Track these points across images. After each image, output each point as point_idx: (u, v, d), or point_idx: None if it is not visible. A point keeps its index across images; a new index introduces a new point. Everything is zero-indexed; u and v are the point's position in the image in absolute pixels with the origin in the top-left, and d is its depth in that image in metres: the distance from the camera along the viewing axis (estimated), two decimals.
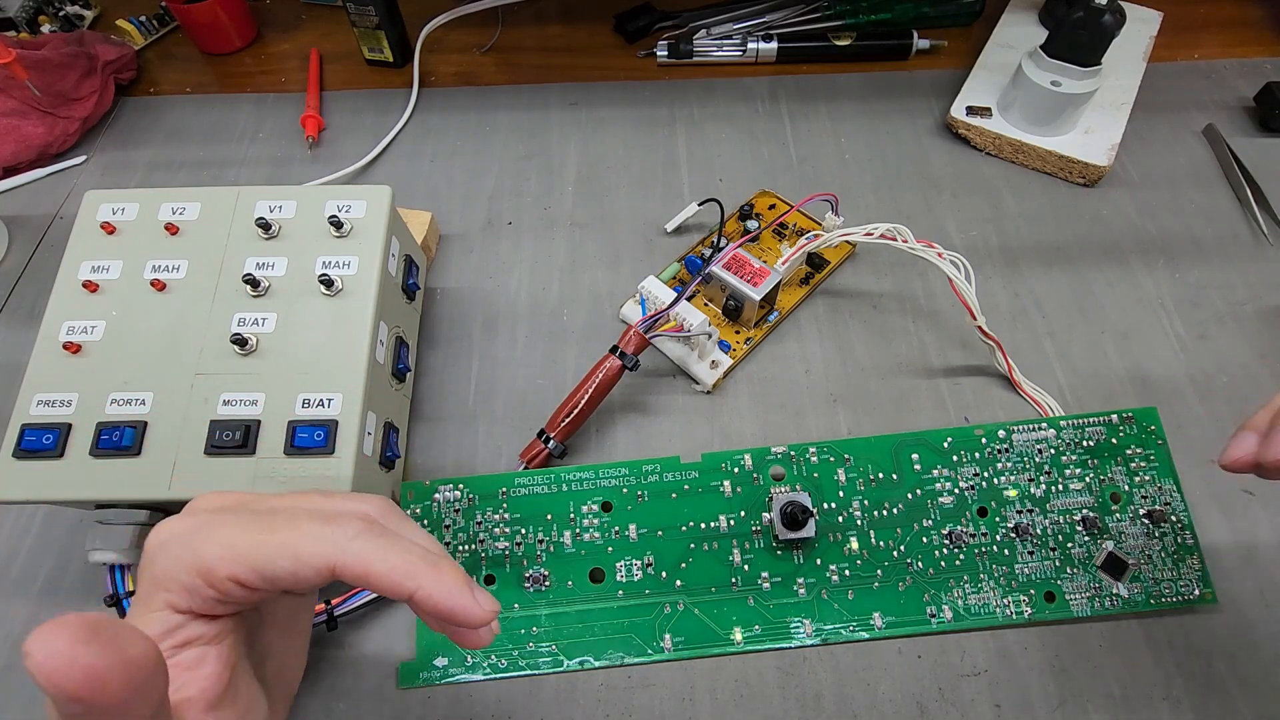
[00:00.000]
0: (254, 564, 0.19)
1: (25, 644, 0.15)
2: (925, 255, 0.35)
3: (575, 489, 0.32)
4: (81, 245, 0.32)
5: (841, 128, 0.47)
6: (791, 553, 0.31)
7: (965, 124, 0.45)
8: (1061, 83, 0.42)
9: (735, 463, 0.33)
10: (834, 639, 0.30)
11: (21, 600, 0.32)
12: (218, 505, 0.21)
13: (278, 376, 0.29)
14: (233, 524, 0.19)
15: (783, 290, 0.39)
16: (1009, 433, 0.33)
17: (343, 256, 0.31)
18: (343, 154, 0.47)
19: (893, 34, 0.51)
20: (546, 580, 0.31)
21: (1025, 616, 0.30)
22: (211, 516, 0.20)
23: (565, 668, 0.30)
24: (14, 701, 0.30)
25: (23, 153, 0.46)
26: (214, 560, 0.19)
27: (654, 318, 0.34)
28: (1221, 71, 0.50)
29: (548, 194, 0.45)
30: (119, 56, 0.50)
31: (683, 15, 0.53)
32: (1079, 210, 0.43)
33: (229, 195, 0.33)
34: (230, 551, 0.19)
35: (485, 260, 0.42)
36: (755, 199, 0.43)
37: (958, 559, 0.31)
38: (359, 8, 0.48)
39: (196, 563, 0.19)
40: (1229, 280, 0.40)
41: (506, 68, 0.52)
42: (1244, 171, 0.44)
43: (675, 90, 0.50)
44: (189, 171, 0.46)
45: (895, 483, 0.32)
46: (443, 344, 0.39)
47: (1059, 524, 0.32)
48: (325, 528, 0.19)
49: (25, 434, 0.28)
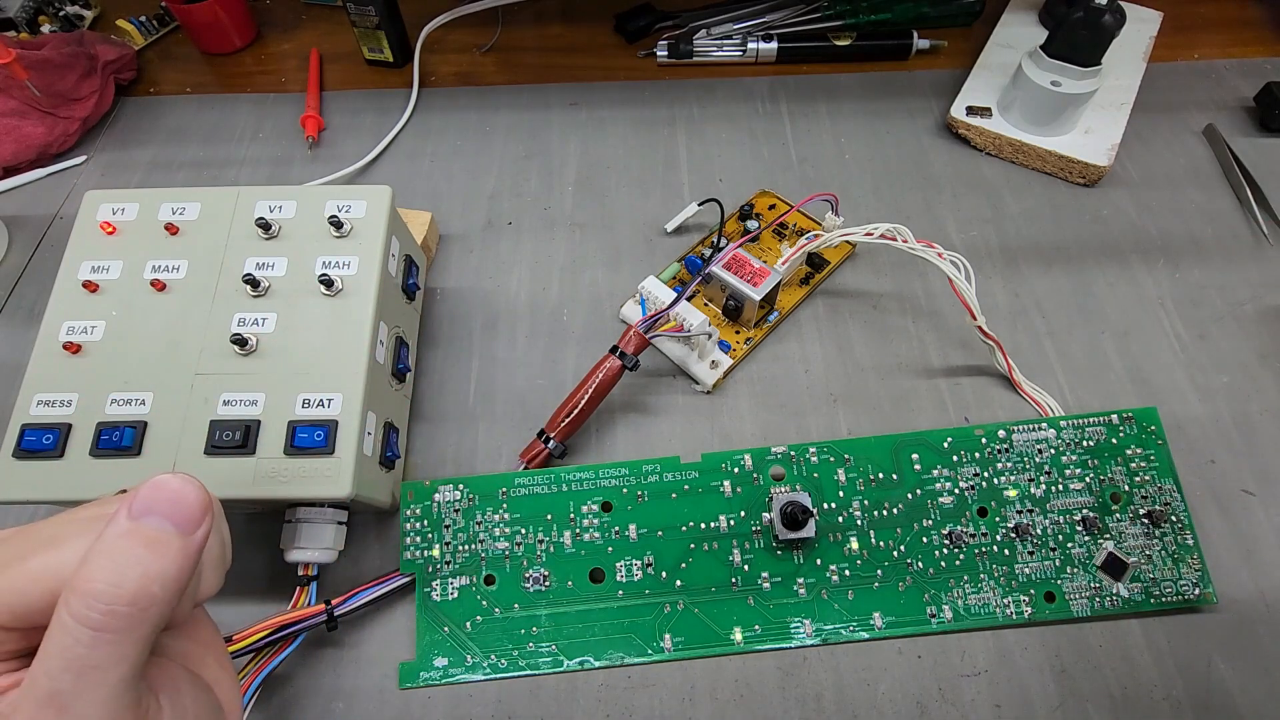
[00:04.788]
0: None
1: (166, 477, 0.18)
2: (925, 255, 0.35)
3: (575, 489, 0.32)
4: (81, 245, 0.32)
5: (841, 128, 0.47)
6: (791, 553, 0.31)
7: (965, 124, 0.45)
8: (1061, 83, 0.42)
9: (735, 463, 0.33)
10: (834, 639, 0.30)
11: None
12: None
13: (278, 376, 0.29)
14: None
15: (783, 290, 0.39)
16: (1009, 433, 0.33)
17: (343, 256, 0.31)
18: (343, 154, 0.47)
19: (893, 34, 0.51)
20: (546, 580, 0.31)
21: (1025, 616, 0.30)
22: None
23: (565, 668, 0.30)
24: None
25: (23, 153, 0.46)
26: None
27: (654, 318, 0.34)
28: (1221, 71, 0.50)
29: (548, 194, 0.45)
30: (119, 56, 0.50)
31: (683, 15, 0.53)
32: (1079, 210, 0.43)
33: (229, 195, 0.33)
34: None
35: (485, 260, 0.42)
36: (755, 199, 0.43)
37: (958, 559, 0.31)
38: (359, 8, 0.48)
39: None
40: (1229, 280, 0.40)
41: (506, 68, 0.52)
42: (1244, 171, 0.44)
43: (675, 90, 0.50)
44: (189, 171, 0.46)
45: (895, 483, 0.32)
46: (443, 344, 0.39)
47: (1059, 524, 0.32)
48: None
49: (25, 434, 0.28)
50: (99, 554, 0.17)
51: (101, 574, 0.16)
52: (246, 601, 0.31)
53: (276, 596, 0.32)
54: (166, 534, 0.18)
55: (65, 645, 0.16)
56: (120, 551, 0.17)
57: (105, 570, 0.17)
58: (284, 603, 0.30)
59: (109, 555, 0.17)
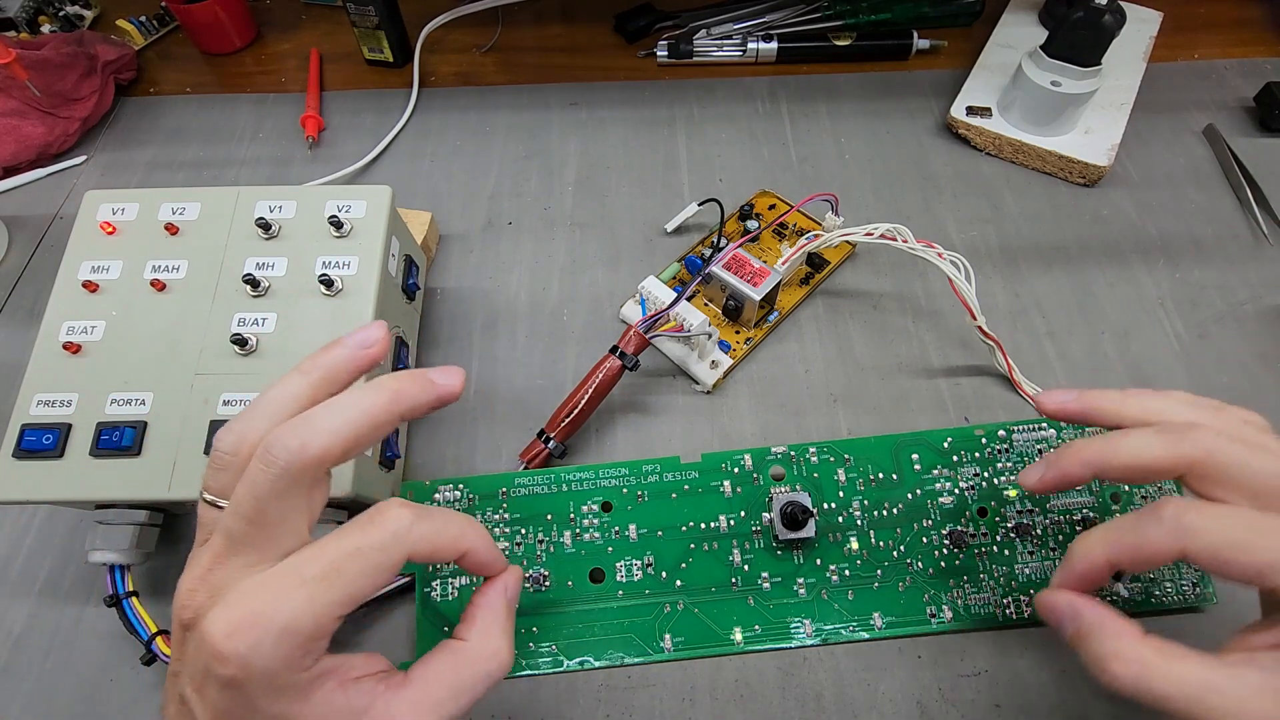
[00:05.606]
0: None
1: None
2: (925, 255, 0.35)
3: (575, 489, 0.32)
4: (81, 245, 0.32)
5: (841, 128, 0.47)
6: (791, 553, 0.31)
7: (965, 124, 0.45)
8: (1061, 83, 0.42)
9: (735, 463, 0.33)
10: (834, 639, 0.30)
11: (22, 600, 0.32)
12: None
13: (278, 377, 0.29)
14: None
15: (783, 290, 0.39)
16: (1009, 433, 0.33)
17: (343, 256, 0.31)
18: (343, 154, 0.47)
19: (893, 34, 0.51)
20: (546, 580, 0.31)
21: (1025, 616, 0.30)
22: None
23: (565, 668, 0.30)
24: (14, 702, 0.30)
25: (23, 153, 0.46)
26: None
27: (654, 318, 0.34)
28: (1221, 71, 0.50)
29: (548, 194, 0.45)
30: (119, 56, 0.50)
31: (683, 15, 0.53)
32: (1079, 210, 0.43)
33: (229, 195, 0.33)
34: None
35: (485, 260, 0.42)
36: (755, 199, 0.43)
37: (958, 559, 0.31)
38: (359, 8, 0.48)
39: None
40: (1229, 280, 0.40)
41: (506, 68, 0.52)
42: (1244, 171, 0.44)
43: (675, 90, 0.50)
44: (189, 171, 0.46)
45: (895, 483, 0.32)
46: (443, 344, 0.39)
47: (1059, 524, 0.32)
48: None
49: (25, 434, 0.28)
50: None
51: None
52: None
53: None
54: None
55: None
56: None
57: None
58: None
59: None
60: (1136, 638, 0.22)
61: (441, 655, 0.22)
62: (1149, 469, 0.23)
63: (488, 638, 0.22)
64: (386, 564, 0.20)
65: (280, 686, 0.19)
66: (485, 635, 0.22)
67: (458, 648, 0.22)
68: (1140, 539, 0.22)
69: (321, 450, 0.20)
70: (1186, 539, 0.21)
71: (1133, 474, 0.24)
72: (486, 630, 0.23)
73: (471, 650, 0.22)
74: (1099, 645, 0.22)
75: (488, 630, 0.23)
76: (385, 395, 0.21)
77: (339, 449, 0.20)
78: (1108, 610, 0.23)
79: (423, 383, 0.22)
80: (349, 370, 0.22)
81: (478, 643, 0.22)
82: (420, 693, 0.21)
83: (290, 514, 0.20)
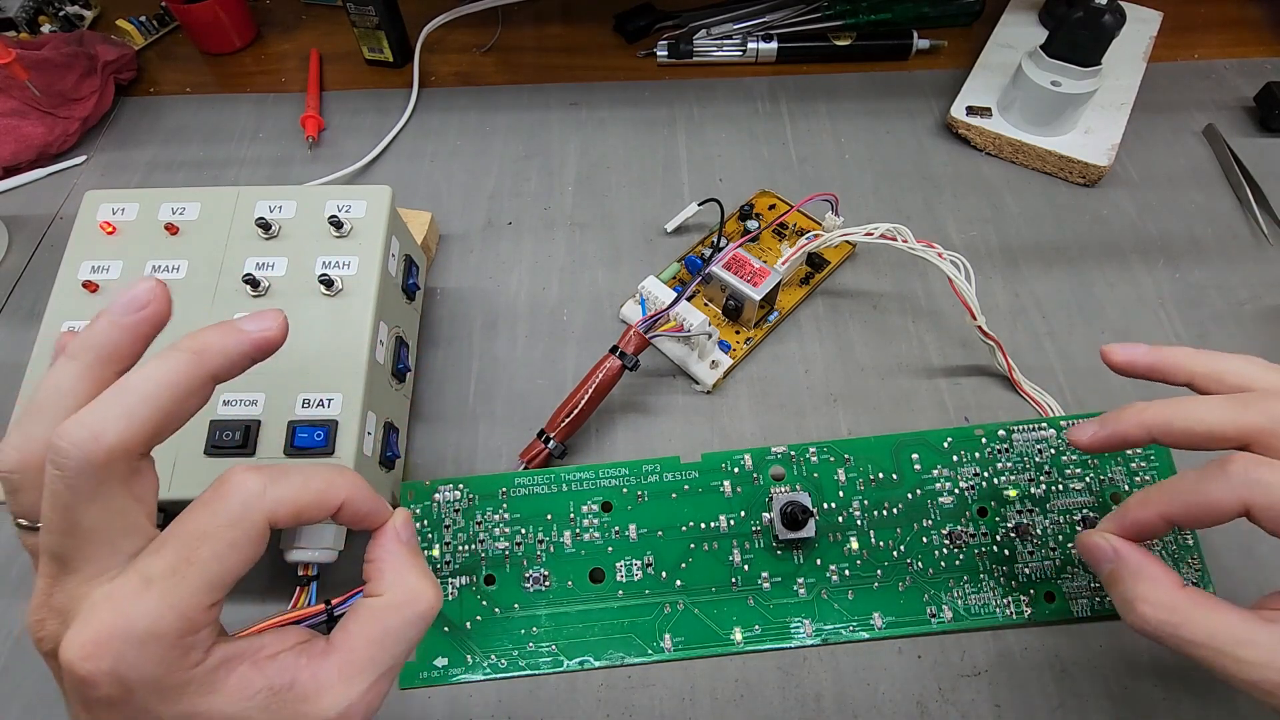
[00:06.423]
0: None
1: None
2: (925, 255, 0.35)
3: (575, 489, 0.32)
4: (81, 245, 0.32)
5: (841, 128, 0.47)
6: (791, 553, 0.31)
7: (965, 124, 0.45)
8: (1061, 83, 0.42)
9: (735, 463, 0.33)
10: (834, 639, 0.30)
11: (22, 600, 0.32)
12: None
13: (278, 376, 0.29)
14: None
15: (783, 290, 0.39)
16: (1009, 433, 0.33)
17: (343, 256, 0.31)
18: (343, 154, 0.47)
19: (893, 34, 0.51)
20: (546, 580, 0.31)
21: (1025, 616, 0.30)
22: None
23: (565, 668, 0.30)
24: (14, 702, 0.30)
25: (23, 153, 0.46)
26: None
27: (654, 318, 0.34)
28: (1221, 71, 0.50)
29: (548, 194, 0.45)
30: (119, 56, 0.50)
31: (683, 15, 0.53)
32: (1079, 210, 0.43)
33: (229, 195, 0.33)
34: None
35: (485, 260, 0.42)
36: (755, 199, 0.43)
37: (958, 559, 0.31)
38: (359, 8, 0.48)
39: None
40: (1229, 280, 0.40)
41: (506, 68, 0.52)
42: (1244, 171, 0.44)
43: (675, 90, 0.50)
44: (189, 171, 0.46)
45: (895, 483, 0.32)
46: (443, 344, 0.39)
47: (1059, 524, 0.32)
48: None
49: None
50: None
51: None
52: (246, 602, 0.31)
53: (276, 596, 0.32)
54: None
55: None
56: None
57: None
58: (284, 603, 0.30)
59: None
60: (1173, 585, 0.22)
61: (359, 613, 0.21)
62: (1211, 436, 0.22)
63: (402, 583, 0.21)
64: (242, 539, 0.18)
65: (171, 688, 0.18)
66: (399, 582, 0.21)
67: (372, 603, 0.21)
68: (1202, 493, 0.22)
69: (117, 436, 0.17)
70: (1253, 492, 0.21)
71: (1193, 440, 0.23)
72: (399, 576, 0.21)
73: (388, 600, 0.21)
74: (1132, 587, 0.22)
75: (400, 576, 0.21)
76: (184, 358, 0.19)
77: (140, 430, 0.18)
78: (1152, 557, 0.23)
79: (230, 333, 0.20)
80: (128, 341, 0.20)
81: (393, 591, 0.21)
82: (347, 655, 0.20)
83: (113, 514, 0.18)
